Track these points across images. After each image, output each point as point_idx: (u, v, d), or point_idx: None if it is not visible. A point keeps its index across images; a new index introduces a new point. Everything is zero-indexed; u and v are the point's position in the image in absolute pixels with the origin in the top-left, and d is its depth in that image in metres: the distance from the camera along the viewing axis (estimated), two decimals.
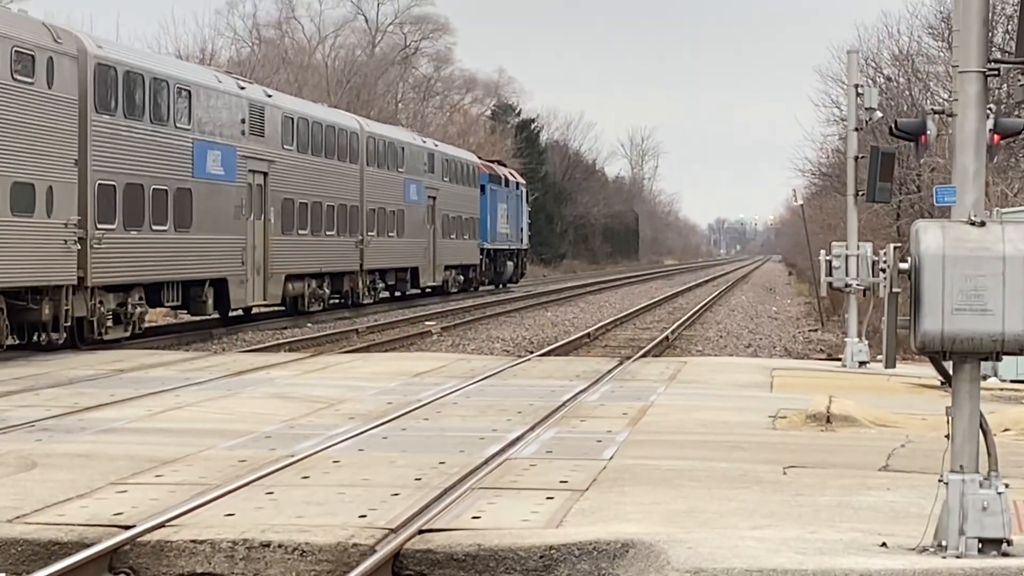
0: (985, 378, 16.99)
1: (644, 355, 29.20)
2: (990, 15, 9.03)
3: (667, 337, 36.29)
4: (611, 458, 13.25)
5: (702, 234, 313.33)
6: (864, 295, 24.71)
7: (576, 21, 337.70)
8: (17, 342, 26.20)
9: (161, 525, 9.96)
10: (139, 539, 9.67)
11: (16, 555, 9.63)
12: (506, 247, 69.29)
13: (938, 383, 18.26)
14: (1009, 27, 41.90)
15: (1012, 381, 21.90)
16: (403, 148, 51.91)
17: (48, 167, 25.95)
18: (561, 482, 11.85)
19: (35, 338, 26.51)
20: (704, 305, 54.86)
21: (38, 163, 25.61)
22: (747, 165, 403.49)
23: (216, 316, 36.24)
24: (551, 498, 11.12)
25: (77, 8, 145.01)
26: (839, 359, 26.04)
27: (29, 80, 25.36)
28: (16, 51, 24.94)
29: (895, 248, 9.00)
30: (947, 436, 9.01)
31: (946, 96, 41.19)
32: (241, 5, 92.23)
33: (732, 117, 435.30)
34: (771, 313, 52.05)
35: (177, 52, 69.87)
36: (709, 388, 20.46)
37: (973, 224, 8.82)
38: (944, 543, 8.94)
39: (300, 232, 39.98)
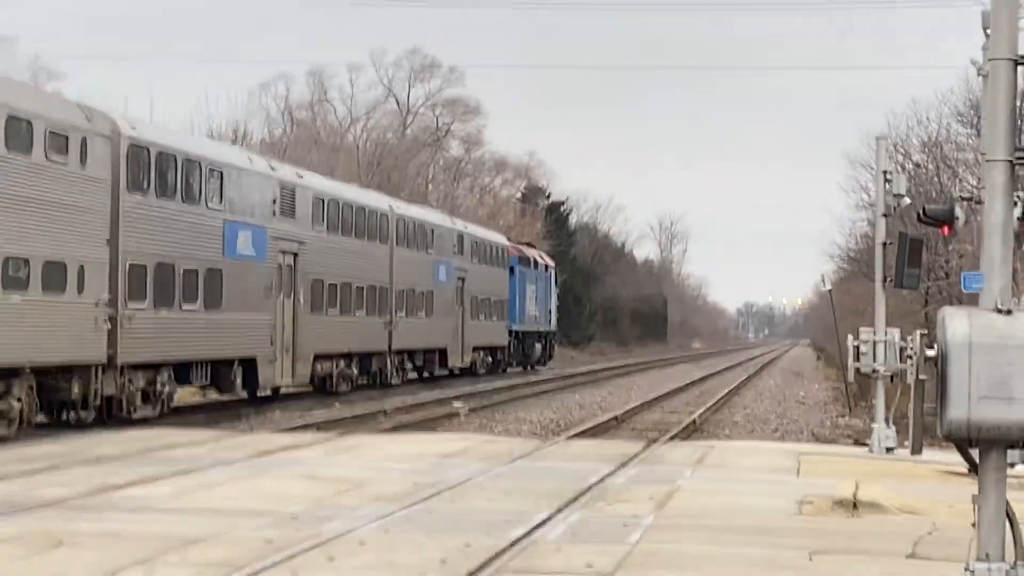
0: (1012, 466, 16.89)
1: (671, 439, 29.15)
2: (1018, 104, 9.06)
3: (694, 421, 36.24)
4: (637, 542, 13.21)
5: (730, 317, 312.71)
6: (892, 381, 24.62)
7: (607, 106, 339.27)
8: (46, 420, 26.31)
9: None
10: None
11: None
12: (535, 329, 69.33)
13: (965, 470, 18.13)
14: None
15: None
16: (433, 229, 52.12)
17: (80, 246, 26.13)
18: (587, 566, 11.82)
19: (64, 416, 26.60)
20: (732, 389, 54.75)
21: (70, 242, 25.79)
22: (776, 249, 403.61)
23: (245, 396, 36.32)
24: None
25: (112, 87, 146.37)
26: (866, 444, 25.89)
27: (62, 160, 25.59)
28: (50, 132, 25.18)
29: (922, 335, 8.99)
30: (973, 524, 8.97)
31: (974, 182, 41.22)
32: (274, 87, 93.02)
33: (761, 201, 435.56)
34: (799, 398, 51.88)
35: (210, 131, 70.43)
36: (736, 472, 20.40)
37: (1000, 312, 8.82)
38: None
39: (329, 312, 40.10)
